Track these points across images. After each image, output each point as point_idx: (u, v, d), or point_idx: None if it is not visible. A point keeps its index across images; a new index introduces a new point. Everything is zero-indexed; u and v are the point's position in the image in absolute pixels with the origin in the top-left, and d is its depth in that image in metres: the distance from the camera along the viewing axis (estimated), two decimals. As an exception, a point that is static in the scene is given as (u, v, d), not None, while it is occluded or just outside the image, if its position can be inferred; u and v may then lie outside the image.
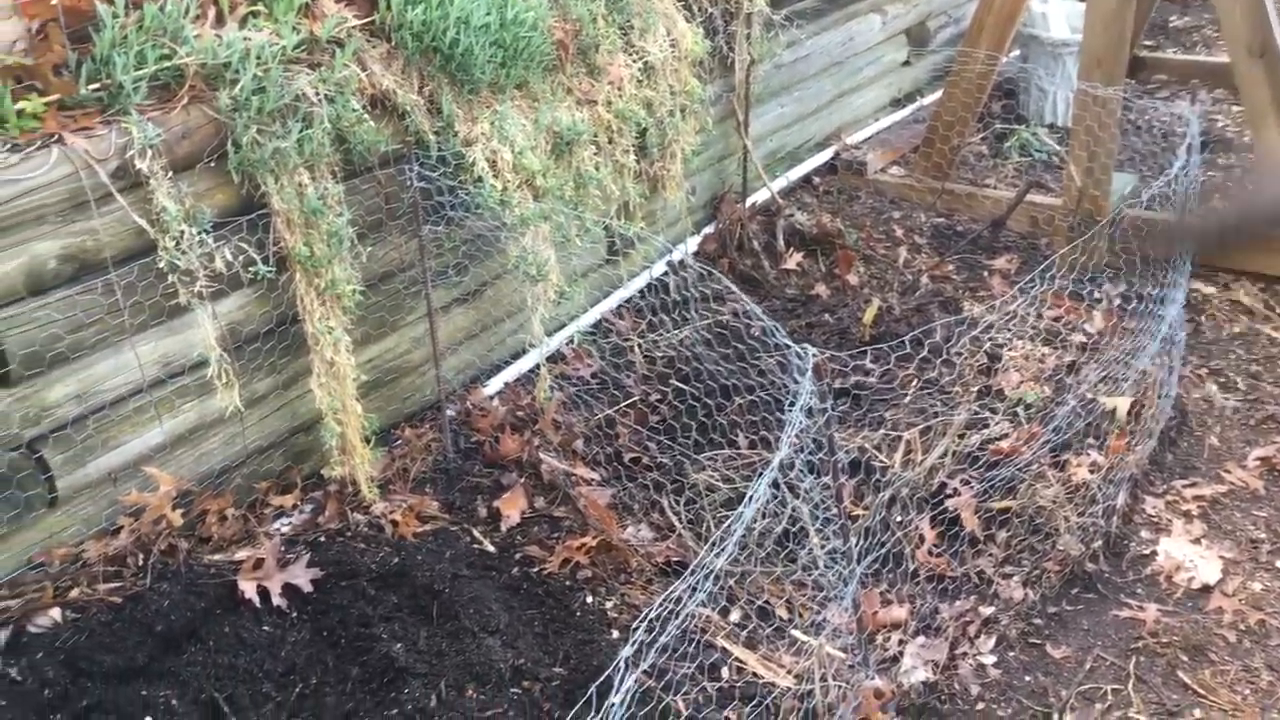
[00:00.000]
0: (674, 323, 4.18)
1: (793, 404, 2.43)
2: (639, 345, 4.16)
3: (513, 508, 3.47)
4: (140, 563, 2.96)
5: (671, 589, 2.07)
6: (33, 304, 2.66)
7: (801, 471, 2.59)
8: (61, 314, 2.70)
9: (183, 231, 2.83)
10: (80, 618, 2.79)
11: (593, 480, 3.57)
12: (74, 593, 2.82)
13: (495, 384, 3.98)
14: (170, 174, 2.81)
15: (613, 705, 1.99)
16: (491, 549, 3.33)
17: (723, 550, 2.21)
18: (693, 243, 4.74)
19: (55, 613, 2.77)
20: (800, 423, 2.34)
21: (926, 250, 5.01)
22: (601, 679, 1.89)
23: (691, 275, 3.54)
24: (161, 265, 2.83)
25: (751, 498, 2.30)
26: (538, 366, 3.88)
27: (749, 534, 2.21)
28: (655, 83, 4.12)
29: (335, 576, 3.07)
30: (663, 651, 2.15)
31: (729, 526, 2.25)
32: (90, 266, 2.75)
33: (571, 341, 4.08)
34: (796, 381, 2.49)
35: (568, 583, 3.20)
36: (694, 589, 2.18)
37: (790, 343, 2.45)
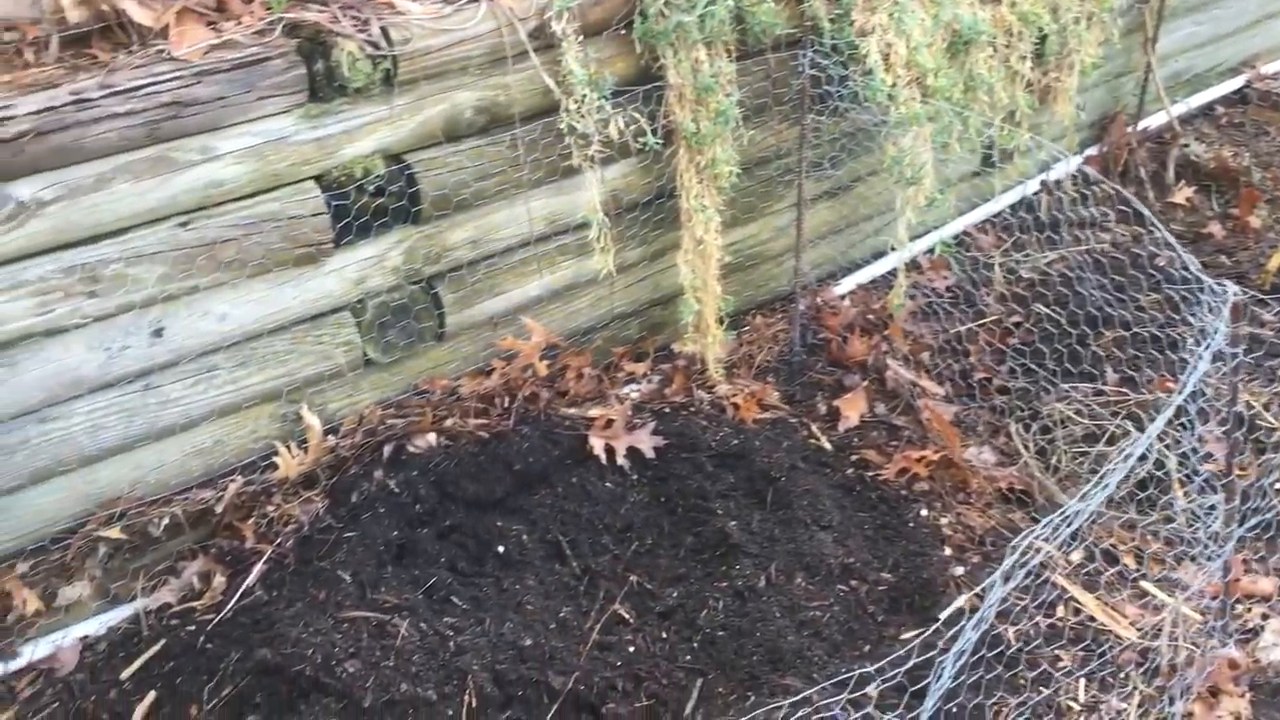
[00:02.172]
0: (1042, 243, 3.95)
1: (1197, 343, 2.25)
2: (999, 263, 3.98)
3: (853, 409, 3.44)
4: (505, 405, 3.17)
5: (1044, 523, 1.97)
6: (448, 149, 2.85)
7: (1191, 418, 2.41)
8: (471, 162, 2.88)
9: (585, 95, 2.93)
10: (451, 445, 3.03)
11: (937, 395, 3.49)
12: (448, 422, 3.06)
13: (847, 284, 3.93)
14: (580, 38, 2.90)
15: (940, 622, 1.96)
16: (828, 446, 3.32)
17: (1099, 491, 2.08)
18: (1074, 163, 4.44)
19: (431, 437, 3.02)
20: (1205, 365, 2.16)
21: (1345, 201, 4.46)
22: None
23: (1091, 195, 3.31)
24: (561, 126, 2.94)
25: (1135, 445, 2.15)
26: (893, 271, 3.79)
27: (1110, 485, 2.07)
28: (1065, -15, 3.84)
29: (676, 447, 3.16)
30: (1004, 580, 2.07)
31: (1102, 475, 2.10)
32: (499, 120, 2.91)
33: (931, 251, 3.95)
34: (1194, 320, 2.30)
35: (903, 492, 3.16)
36: (1059, 525, 2.06)
37: (1204, 277, 2.25)
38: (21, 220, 2.30)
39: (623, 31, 3.02)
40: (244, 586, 2.68)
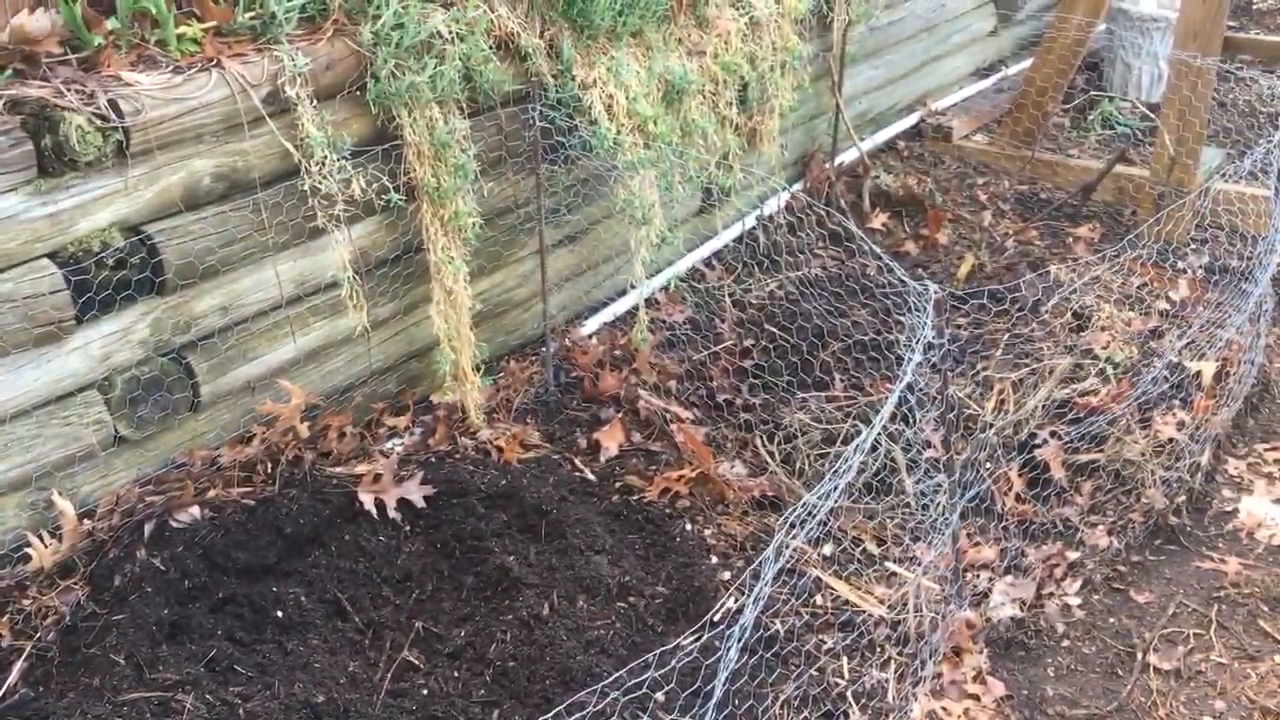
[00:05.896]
0: (765, 268, 4.29)
1: (909, 340, 2.55)
2: (728, 292, 4.28)
3: (611, 440, 3.61)
4: (269, 470, 3.14)
5: (781, 522, 2.17)
6: (189, 217, 2.83)
7: (911, 410, 2.71)
8: (214, 229, 2.87)
9: (325, 157, 2.99)
10: (217, 517, 2.97)
11: (687, 419, 3.71)
12: (211, 493, 3.00)
13: (593, 324, 4.13)
14: (315, 102, 2.97)
15: (715, 624, 2.11)
16: (592, 477, 3.47)
17: (832, 490, 2.30)
18: (783, 199, 4.84)
19: (195, 510, 2.95)
20: (919, 356, 2.45)
21: (1010, 215, 5.08)
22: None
23: (806, 220, 3.64)
24: (304, 188, 2.98)
25: (865, 437, 2.40)
26: (634, 308, 4.01)
27: (849, 471, 2.32)
28: (759, 38, 4.22)
29: (446, 494, 3.23)
30: (761, 578, 2.26)
31: (838, 468, 2.33)
32: (240, 186, 2.92)
33: (667, 287, 4.21)
34: (905, 320, 2.60)
35: (667, 511, 3.35)
36: (799, 524, 2.27)
37: (910, 281, 2.56)
38: None
39: (357, 93, 3.10)
40: (5, 686, 2.53)
